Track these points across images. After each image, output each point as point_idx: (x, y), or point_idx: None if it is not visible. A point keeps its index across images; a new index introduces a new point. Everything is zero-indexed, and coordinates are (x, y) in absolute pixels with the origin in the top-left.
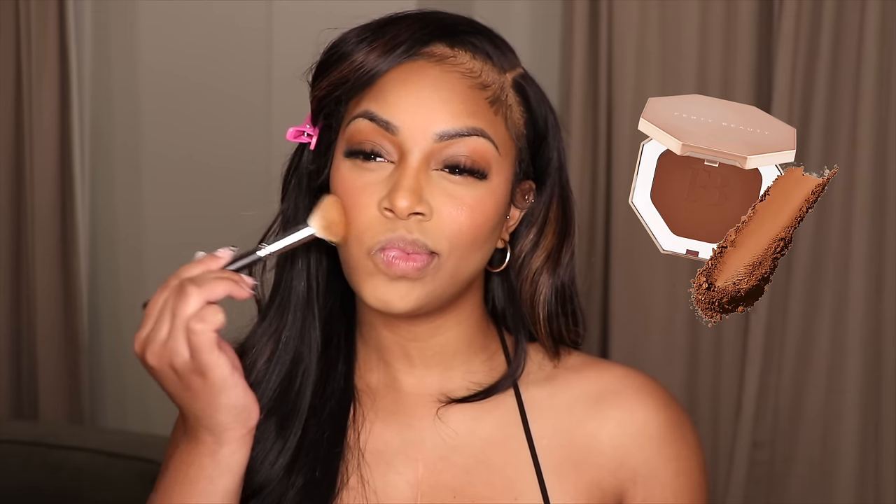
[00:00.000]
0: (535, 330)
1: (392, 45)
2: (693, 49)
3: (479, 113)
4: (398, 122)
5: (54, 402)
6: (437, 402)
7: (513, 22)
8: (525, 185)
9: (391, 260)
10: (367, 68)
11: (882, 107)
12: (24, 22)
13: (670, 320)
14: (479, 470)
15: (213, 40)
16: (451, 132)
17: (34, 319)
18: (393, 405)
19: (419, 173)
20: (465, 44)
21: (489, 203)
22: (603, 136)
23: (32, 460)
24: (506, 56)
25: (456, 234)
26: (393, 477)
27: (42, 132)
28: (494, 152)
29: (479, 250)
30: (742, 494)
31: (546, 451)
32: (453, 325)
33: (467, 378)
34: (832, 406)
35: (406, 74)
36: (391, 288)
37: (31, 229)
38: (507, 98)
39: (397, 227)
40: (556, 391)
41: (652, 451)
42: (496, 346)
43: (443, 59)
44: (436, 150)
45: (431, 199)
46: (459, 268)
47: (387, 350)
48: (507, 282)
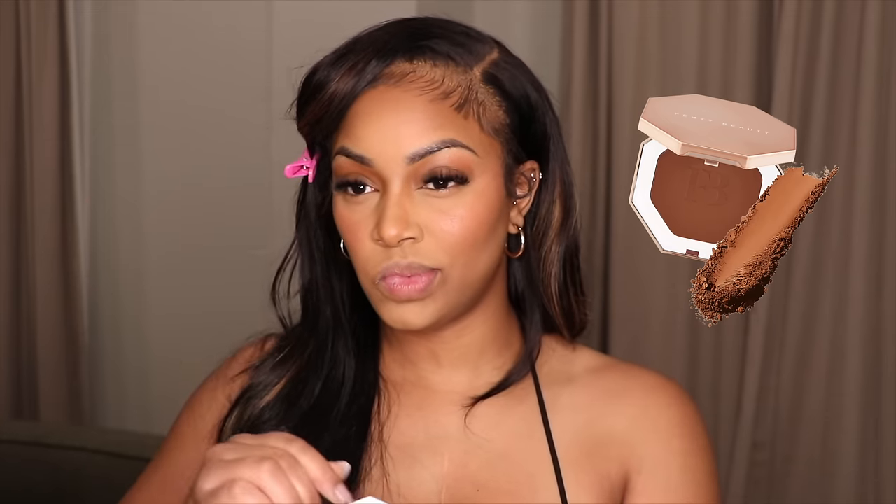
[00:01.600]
0: (549, 306)
1: (356, 71)
2: (693, 49)
3: (447, 123)
4: (371, 154)
5: (54, 402)
6: (465, 399)
7: (513, 22)
8: (525, 166)
9: (393, 287)
10: (336, 103)
11: (882, 107)
12: (24, 22)
13: (670, 320)
14: (501, 464)
15: (212, 41)
16: (421, 151)
17: (34, 319)
18: (420, 401)
19: (402, 198)
20: (423, 52)
21: (479, 205)
22: (603, 136)
23: (32, 460)
24: (471, 50)
25: (452, 246)
26: (418, 471)
27: (42, 132)
28: (472, 156)
29: (483, 252)
30: (742, 494)
31: (565, 447)
32: (480, 324)
33: (495, 375)
34: (832, 406)
35: (369, 104)
36: (405, 309)
37: (31, 229)
38: (476, 96)
39: (392, 254)
40: (576, 390)
41: (661, 443)
42: (521, 340)
43: (402, 77)
44: (412, 172)
45: (419, 219)
46: (467, 275)
47: (412, 351)
48: (527, 263)
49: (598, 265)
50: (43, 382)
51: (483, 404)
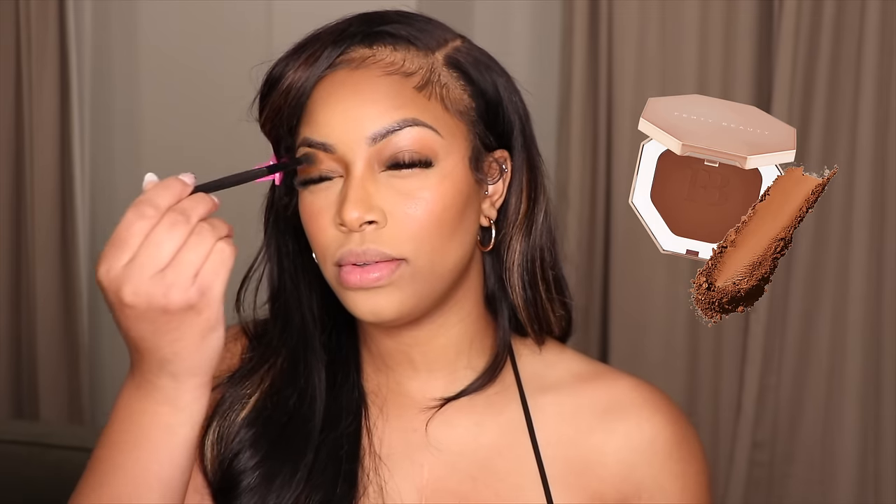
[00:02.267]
0: (513, 302)
1: (312, 60)
2: (693, 49)
3: (408, 103)
4: (332, 139)
5: (54, 402)
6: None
7: (513, 22)
8: (495, 155)
9: (344, 276)
10: (294, 93)
11: (882, 107)
12: (24, 22)
13: (670, 320)
14: (484, 476)
15: (212, 40)
16: (382, 131)
17: (34, 319)
18: (398, 409)
19: (365, 182)
20: (382, 37)
21: (444, 188)
22: (603, 136)
23: (32, 460)
24: (432, 35)
25: (416, 231)
26: (399, 481)
27: (42, 132)
28: (435, 136)
29: (451, 239)
30: (742, 495)
31: (551, 459)
32: (455, 323)
33: (472, 379)
34: (832, 406)
35: (328, 89)
36: (370, 299)
37: (31, 229)
38: (439, 78)
39: (349, 240)
40: (562, 399)
41: (658, 467)
42: (497, 342)
43: (361, 61)
44: (374, 154)
45: (383, 203)
46: (436, 262)
47: (389, 357)
48: (497, 259)
49: (598, 265)
50: (43, 382)
51: (462, 412)
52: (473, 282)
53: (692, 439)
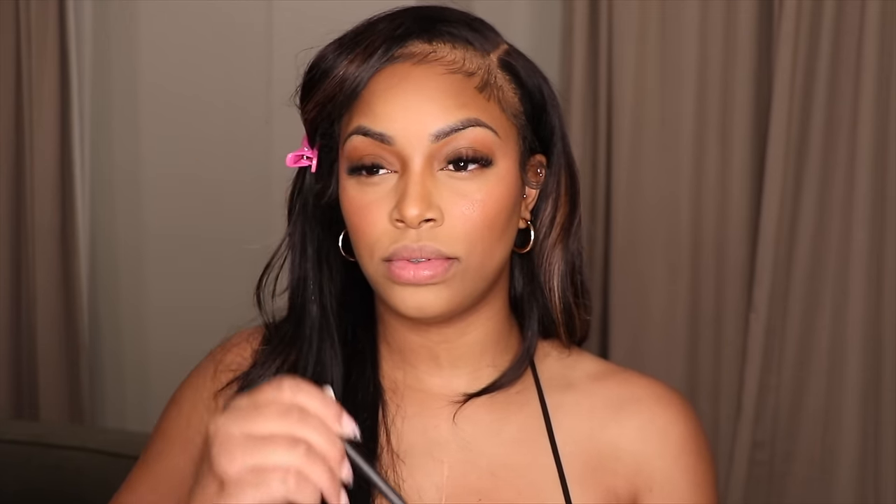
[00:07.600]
0: (551, 306)
1: (369, 52)
2: (693, 49)
3: (470, 103)
4: (392, 131)
5: (54, 402)
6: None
7: (513, 22)
8: (534, 159)
9: (397, 271)
10: (350, 81)
11: (882, 107)
12: (24, 22)
13: (670, 318)
14: (504, 473)
15: (213, 40)
16: (447, 129)
17: (34, 319)
18: (418, 406)
19: (424, 178)
20: (442, 35)
21: (500, 191)
22: (603, 136)
23: (32, 460)
24: (487, 37)
25: (471, 231)
26: (419, 479)
27: (42, 132)
28: (494, 137)
29: (500, 241)
30: (742, 493)
31: (569, 457)
32: (483, 322)
33: (495, 377)
34: (832, 406)
35: (389, 80)
36: (418, 294)
37: (31, 229)
38: (495, 80)
39: (404, 236)
40: (579, 398)
41: (670, 460)
42: (520, 343)
43: (423, 56)
44: (435, 151)
45: (441, 201)
46: (485, 263)
47: (412, 353)
48: (529, 262)
49: (598, 265)
50: (43, 382)
51: (483, 409)
52: (503, 283)
53: (703, 436)
